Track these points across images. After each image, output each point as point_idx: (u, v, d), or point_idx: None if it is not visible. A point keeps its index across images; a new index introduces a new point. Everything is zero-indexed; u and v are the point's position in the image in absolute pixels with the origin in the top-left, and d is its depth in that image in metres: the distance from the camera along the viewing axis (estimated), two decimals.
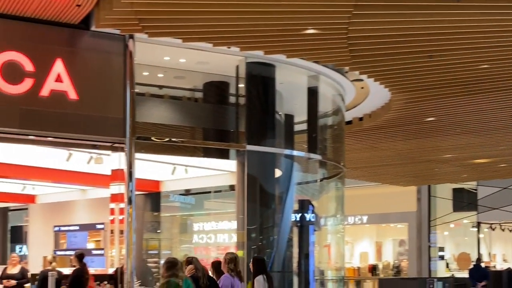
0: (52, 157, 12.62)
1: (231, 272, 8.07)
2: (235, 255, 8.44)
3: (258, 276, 8.54)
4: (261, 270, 8.60)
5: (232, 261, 8.17)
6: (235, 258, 8.29)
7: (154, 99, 9.92)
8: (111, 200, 9.44)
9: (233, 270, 8.07)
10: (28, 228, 21.89)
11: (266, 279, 8.58)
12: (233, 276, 8.03)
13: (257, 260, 8.82)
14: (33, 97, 8.19)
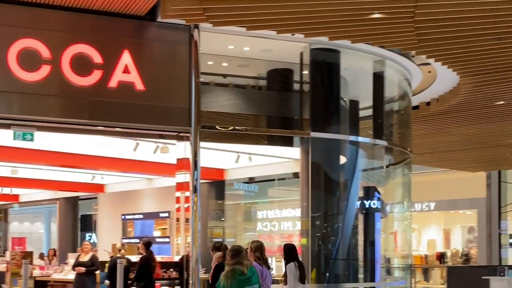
0: (119, 147, 12.89)
1: (258, 260, 8.06)
2: (260, 243, 8.40)
3: (290, 263, 8.60)
4: (292, 257, 8.66)
5: (258, 249, 8.17)
6: (261, 246, 8.28)
7: (219, 88, 9.97)
8: (177, 188, 9.57)
9: (260, 258, 8.08)
10: (97, 216, 22.51)
11: (297, 266, 8.66)
12: (261, 264, 8.03)
13: (288, 248, 8.83)
14: (101, 88, 8.36)
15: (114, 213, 20.67)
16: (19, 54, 7.89)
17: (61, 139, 12.07)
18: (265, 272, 7.98)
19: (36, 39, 7.96)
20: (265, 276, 7.94)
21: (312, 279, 9.75)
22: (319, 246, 9.99)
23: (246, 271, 6.62)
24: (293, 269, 8.55)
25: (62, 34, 8.17)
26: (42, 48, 7.98)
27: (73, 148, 13.49)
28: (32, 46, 7.95)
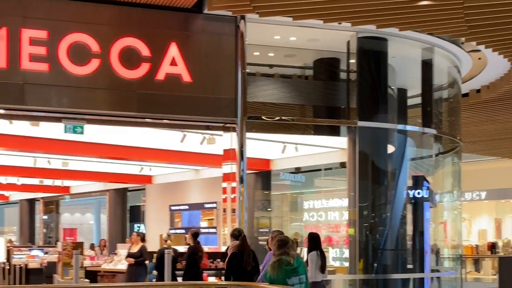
0: (167, 139, 13.02)
1: None
2: (281, 231, 8.35)
3: (312, 252, 8.68)
4: (315, 246, 8.74)
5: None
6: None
7: (265, 78, 9.97)
8: (223, 179, 9.61)
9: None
10: (145, 207, 22.81)
11: (319, 255, 8.71)
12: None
13: (312, 237, 8.91)
14: (149, 81, 8.47)
15: (162, 204, 20.91)
16: (69, 49, 8.05)
17: (110, 131, 12.25)
18: None
19: (85, 33, 8.11)
20: None
21: (360, 270, 9.70)
22: (367, 236, 9.92)
23: (293, 262, 6.58)
24: (315, 258, 8.62)
25: (111, 28, 8.30)
26: (92, 42, 8.12)
27: (121, 140, 13.68)
28: (81, 40, 8.10)
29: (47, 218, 29.20)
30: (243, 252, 8.05)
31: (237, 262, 8.01)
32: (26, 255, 17.99)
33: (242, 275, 7.90)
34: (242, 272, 7.91)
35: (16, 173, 19.40)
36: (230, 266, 8.14)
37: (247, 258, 7.99)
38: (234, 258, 8.10)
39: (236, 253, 8.13)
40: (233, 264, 8.07)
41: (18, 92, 8.02)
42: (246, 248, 8.07)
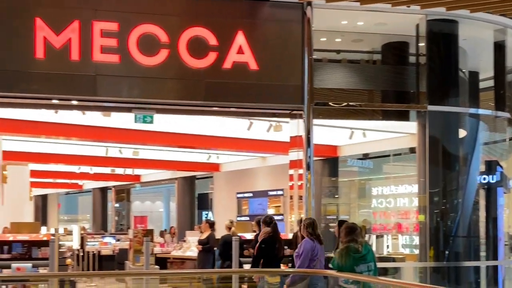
0: (234, 126, 13.11)
1: (310, 236, 8.03)
2: (313, 219, 8.32)
3: None
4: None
5: (310, 226, 8.09)
6: (313, 222, 8.19)
7: (332, 64, 9.89)
8: (290, 166, 9.60)
9: (312, 234, 8.03)
10: (213, 195, 23.09)
11: None
12: (313, 240, 8.00)
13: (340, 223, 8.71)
14: (216, 69, 8.55)
15: (229, 192, 21.11)
16: (139, 40, 8.20)
17: (178, 120, 12.44)
18: (317, 248, 8.00)
19: (154, 24, 8.24)
20: (317, 251, 7.98)
21: (430, 257, 9.54)
22: (438, 223, 9.74)
23: (361, 249, 6.51)
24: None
25: (179, 18, 8.41)
26: (160, 33, 8.25)
27: (189, 129, 13.86)
28: (151, 31, 8.24)
29: (118, 206, 29.95)
30: (273, 238, 8.16)
31: (267, 247, 8.11)
32: (99, 242, 18.54)
33: (271, 260, 8.06)
34: (272, 257, 8.06)
35: (89, 162, 19.96)
36: (261, 251, 8.22)
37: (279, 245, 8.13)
38: (265, 244, 8.19)
39: (267, 239, 8.24)
40: (264, 249, 8.17)
41: (90, 84, 8.23)
42: (277, 235, 8.17)
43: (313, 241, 7.99)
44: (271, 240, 8.23)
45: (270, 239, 8.27)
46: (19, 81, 8.07)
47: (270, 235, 8.29)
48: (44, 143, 15.51)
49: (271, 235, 8.29)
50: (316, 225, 8.17)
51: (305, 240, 8.11)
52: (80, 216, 35.91)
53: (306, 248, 7.94)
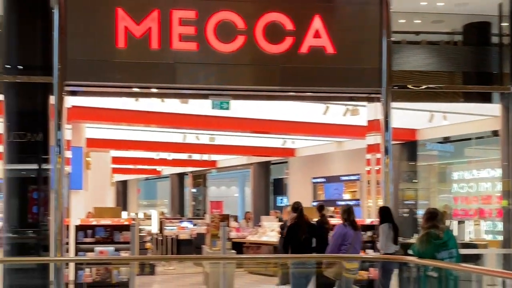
0: (309, 111, 13.06)
1: (344, 222, 8.30)
2: (348, 206, 8.55)
3: (383, 224, 8.69)
4: (387, 218, 8.70)
5: (346, 212, 8.38)
6: (348, 209, 8.43)
7: (411, 46, 9.68)
8: (367, 150, 9.49)
9: (346, 220, 8.29)
10: (288, 180, 23.12)
11: (391, 228, 8.68)
12: (346, 226, 8.22)
13: (383, 210, 8.85)
14: (292, 54, 8.52)
15: (305, 177, 21.08)
16: (216, 27, 8.27)
17: (254, 106, 12.50)
18: (348, 233, 8.20)
19: (231, 11, 8.28)
20: (348, 237, 8.16)
21: None
22: None
23: (442, 235, 6.34)
24: (386, 230, 8.64)
25: (256, 4, 8.42)
26: (237, 19, 8.29)
27: (265, 114, 13.91)
28: (228, 18, 8.29)
29: (195, 191, 30.46)
30: (298, 224, 8.35)
31: (294, 232, 8.34)
32: (177, 227, 18.95)
33: (298, 244, 8.22)
34: (298, 241, 8.24)
35: (167, 148, 20.38)
36: (288, 235, 8.46)
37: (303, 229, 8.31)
38: (292, 229, 8.45)
39: (293, 225, 8.46)
40: (291, 234, 8.40)
41: (169, 72, 8.37)
42: (302, 220, 8.37)
43: (346, 226, 8.19)
44: (297, 226, 8.40)
45: (295, 225, 8.45)
46: (102, 70, 8.31)
47: (295, 221, 8.48)
48: (124, 131, 15.94)
49: (296, 221, 8.46)
50: (351, 211, 8.38)
51: (338, 226, 8.45)
52: (159, 201, 36.73)
53: (337, 233, 8.25)
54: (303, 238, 8.32)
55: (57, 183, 8.42)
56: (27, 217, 8.83)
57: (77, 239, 10.19)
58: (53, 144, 8.46)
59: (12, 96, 8.71)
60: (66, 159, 8.65)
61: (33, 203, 8.86)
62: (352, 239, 8.26)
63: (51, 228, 8.61)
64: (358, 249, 8.51)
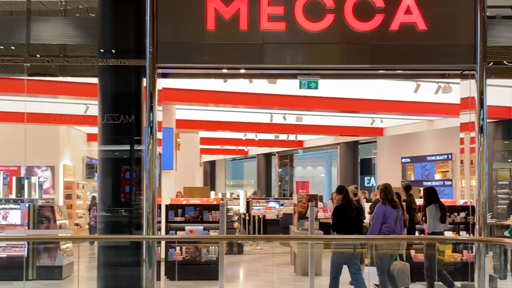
0: (399, 89, 12.79)
1: (383, 201, 8.42)
2: (386, 185, 8.61)
3: (430, 205, 8.91)
4: (432, 199, 8.91)
5: (383, 191, 8.49)
6: (386, 188, 8.52)
7: (507, 21, 9.23)
8: (461, 129, 9.15)
9: (385, 199, 8.41)
10: (376, 160, 22.81)
11: (438, 208, 8.96)
12: (385, 205, 8.32)
13: (428, 190, 9.10)
14: (383, 32, 8.29)
15: (393, 157, 20.72)
16: (304, 6, 8.18)
17: (342, 85, 12.36)
18: (389, 212, 8.31)
19: None
20: (388, 216, 8.30)
21: None
22: None
23: None
24: (433, 211, 8.88)
25: None
26: None
27: (353, 94, 13.75)
28: None
29: (281, 172, 30.60)
30: (345, 204, 8.52)
31: (341, 212, 8.53)
32: (263, 207, 19.12)
33: (346, 223, 8.44)
34: (346, 220, 8.45)
35: (254, 129, 20.54)
36: (336, 216, 8.62)
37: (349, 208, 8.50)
38: (339, 210, 8.62)
39: (340, 206, 8.64)
40: (338, 214, 8.57)
41: (258, 52, 8.36)
42: (348, 200, 8.56)
43: (385, 205, 8.31)
44: (343, 207, 8.55)
45: (341, 207, 8.61)
46: (192, 52, 8.42)
47: (341, 203, 8.63)
48: (213, 112, 16.17)
49: (342, 202, 8.61)
50: (389, 190, 8.49)
51: (378, 205, 8.56)
52: (245, 181, 37.16)
53: (377, 212, 8.36)
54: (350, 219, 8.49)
55: (149, 163, 8.63)
56: (120, 196, 9.11)
57: (168, 218, 10.46)
58: (145, 125, 8.66)
59: (106, 79, 8.98)
60: (157, 140, 8.85)
61: (125, 183, 9.14)
62: (392, 217, 8.35)
63: (143, 207, 8.86)
64: (400, 228, 8.53)
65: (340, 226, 8.49)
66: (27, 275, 9.92)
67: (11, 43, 9.39)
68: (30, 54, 9.11)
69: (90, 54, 9.28)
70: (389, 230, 8.30)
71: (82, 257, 11.75)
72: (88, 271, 10.27)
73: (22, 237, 9.95)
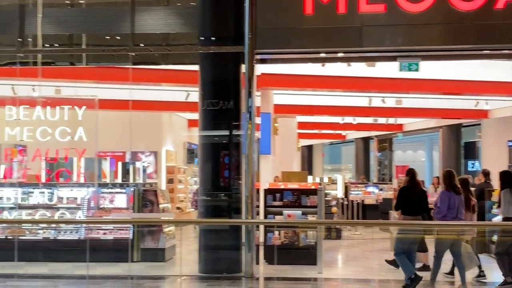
0: (505, 70, 12.26)
1: (447, 187, 8.37)
2: (449, 171, 8.56)
3: (504, 189, 8.72)
4: (507, 183, 8.72)
5: (447, 177, 8.46)
6: (449, 174, 8.47)
7: None
8: None
9: (449, 185, 8.35)
10: (481, 143, 21.98)
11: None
12: (449, 191, 8.28)
13: (504, 174, 8.87)
14: (487, 11, 8.06)
15: (499, 140, 19.88)
16: None
17: (444, 66, 12.00)
18: (453, 198, 8.25)
19: None
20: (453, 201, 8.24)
21: None
22: None
23: None
24: (508, 195, 8.69)
25: None
26: None
27: (456, 75, 13.31)
28: None
29: (380, 156, 30.13)
30: (409, 187, 8.61)
31: (405, 194, 8.59)
32: (362, 191, 18.90)
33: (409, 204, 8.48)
34: (409, 201, 8.49)
35: (352, 113, 20.31)
36: (400, 197, 8.70)
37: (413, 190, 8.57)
38: (403, 191, 8.71)
39: (405, 187, 8.72)
40: (402, 195, 8.63)
41: (356, 35, 8.29)
42: (413, 183, 8.62)
43: (449, 191, 8.28)
44: (407, 189, 8.62)
45: (405, 188, 8.68)
46: (290, 37, 8.45)
47: (407, 185, 8.69)
48: (310, 96, 16.12)
49: (407, 184, 8.66)
50: (453, 176, 8.43)
51: (441, 192, 8.55)
52: (343, 165, 36.88)
53: (442, 199, 8.31)
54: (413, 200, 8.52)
55: (248, 148, 8.74)
56: (219, 181, 9.30)
57: (266, 203, 10.55)
58: (244, 111, 8.78)
59: (206, 66, 9.16)
60: (256, 125, 8.94)
61: (224, 167, 9.31)
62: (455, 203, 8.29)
63: (242, 192, 8.99)
64: (462, 213, 8.43)
65: (403, 206, 8.56)
66: (132, 257, 10.31)
67: (117, 33, 9.76)
68: (135, 43, 9.42)
69: (191, 42, 9.49)
70: (452, 215, 8.27)
71: (184, 240, 12.10)
72: (189, 254, 10.56)
73: (128, 220, 10.36)
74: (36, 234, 10.61)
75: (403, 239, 8.54)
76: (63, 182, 10.68)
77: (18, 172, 10.93)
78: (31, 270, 9.67)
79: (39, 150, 9.90)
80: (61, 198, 10.69)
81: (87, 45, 10.14)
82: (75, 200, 10.75)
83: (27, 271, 9.54)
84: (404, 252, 8.31)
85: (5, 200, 10.72)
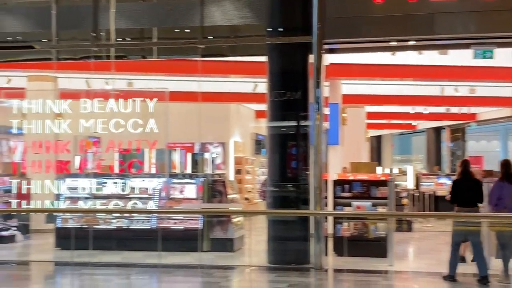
0: None
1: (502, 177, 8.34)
2: (507, 160, 8.53)
3: None
4: None
5: (503, 167, 8.40)
6: (506, 163, 8.43)
7: None
8: None
9: (504, 175, 8.34)
10: None
11: None
12: (503, 181, 8.28)
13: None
14: None
15: None
16: None
17: None
18: (506, 187, 8.20)
19: None
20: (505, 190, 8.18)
21: None
22: None
23: None
24: None
25: None
26: None
27: None
28: None
29: (453, 146, 29.41)
30: (461, 179, 8.59)
31: (458, 185, 8.57)
32: (434, 183, 18.47)
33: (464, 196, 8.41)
34: (461, 193, 8.47)
35: (423, 102, 19.87)
36: (454, 189, 8.66)
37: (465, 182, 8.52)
38: (456, 183, 8.67)
39: (458, 179, 8.69)
40: (455, 187, 8.60)
41: (428, 23, 8.10)
42: (466, 175, 8.60)
43: (503, 181, 8.28)
44: (459, 181, 8.61)
45: (458, 180, 8.66)
46: (359, 26, 8.33)
47: (460, 176, 8.66)
48: (379, 85, 15.86)
49: (460, 177, 8.64)
50: (509, 165, 8.36)
51: (495, 181, 8.56)
52: (413, 156, 36.20)
53: (493, 188, 8.35)
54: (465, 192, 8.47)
55: (316, 139, 8.69)
56: (287, 172, 9.28)
57: (335, 194, 10.46)
58: (312, 101, 8.72)
59: (274, 57, 9.14)
60: (324, 116, 8.87)
61: (292, 158, 9.28)
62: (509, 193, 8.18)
63: (310, 183, 8.95)
64: None
65: (457, 199, 8.48)
66: (202, 247, 10.46)
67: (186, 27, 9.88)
68: (203, 36, 9.51)
69: (258, 33, 9.49)
70: (504, 205, 8.13)
71: (253, 230, 12.17)
72: (258, 244, 10.61)
73: (198, 210, 10.50)
74: (110, 224, 10.92)
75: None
76: (135, 172, 10.93)
77: (92, 163, 11.25)
78: (104, 258, 9.96)
79: (113, 142, 10.15)
80: (133, 188, 10.96)
81: (158, 38, 10.31)
82: (146, 190, 11.00)
83: (100, 260, 9.82)
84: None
85: (80, 190, 11.07)
